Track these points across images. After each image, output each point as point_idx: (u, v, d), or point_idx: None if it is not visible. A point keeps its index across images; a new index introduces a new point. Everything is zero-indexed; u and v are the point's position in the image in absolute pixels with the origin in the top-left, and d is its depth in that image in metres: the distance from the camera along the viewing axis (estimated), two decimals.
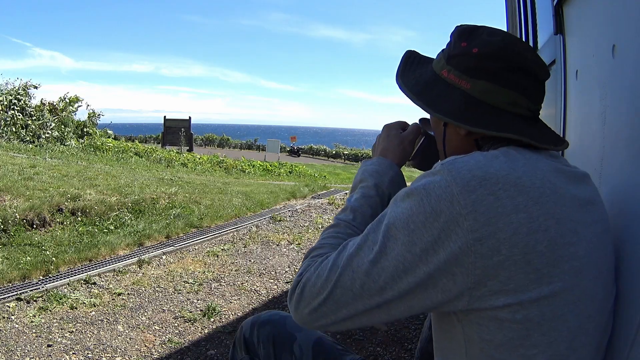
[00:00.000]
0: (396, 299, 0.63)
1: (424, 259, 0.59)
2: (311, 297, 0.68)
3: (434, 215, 0.59)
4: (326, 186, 7.62)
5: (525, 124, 0.69)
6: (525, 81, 0.69)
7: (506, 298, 0.58)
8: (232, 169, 10.85)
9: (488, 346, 0.61)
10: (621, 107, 0.87)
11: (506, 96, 0.69)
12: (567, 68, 1.55)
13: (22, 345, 2.03)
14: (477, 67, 0.69)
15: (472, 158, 0.62)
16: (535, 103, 0.71)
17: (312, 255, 0.76)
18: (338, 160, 27.07)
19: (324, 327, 0.70)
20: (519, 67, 0.69)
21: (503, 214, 0.57)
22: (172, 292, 2.77)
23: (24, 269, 2.75)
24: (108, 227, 3.70)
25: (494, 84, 0.69)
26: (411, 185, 0.64)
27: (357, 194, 0.85)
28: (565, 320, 0.60)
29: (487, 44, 0.69)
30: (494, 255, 0.57)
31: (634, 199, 0.74)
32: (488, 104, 0.69)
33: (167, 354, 2.07)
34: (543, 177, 0.61)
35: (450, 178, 0.60)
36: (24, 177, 4.33)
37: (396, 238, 0.62)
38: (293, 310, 0.71)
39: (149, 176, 6.11)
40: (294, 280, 0.73)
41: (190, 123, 17.06)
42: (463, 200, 0.58)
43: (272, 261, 3.47)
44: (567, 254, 0.59)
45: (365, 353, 2.12)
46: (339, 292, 0.65)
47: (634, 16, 0.82)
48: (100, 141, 9.54)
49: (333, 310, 0.67)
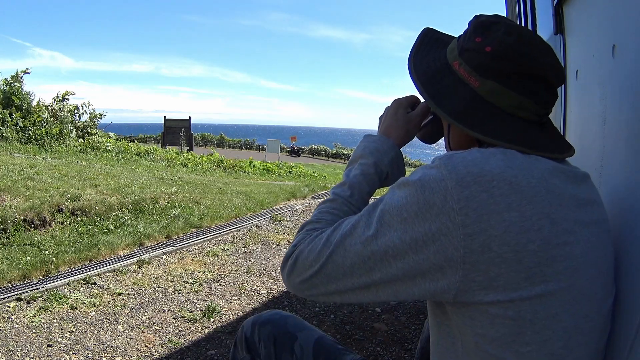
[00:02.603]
0: (384, 282, 0.65)
1: (414, 248, 0.61)
2: (303, 268, 0.71)
3: (427, 207, 0.60)
4: (326, 186, 7.63)
5: (527, 129, 0.68)
6: (535, 86, 0.68)
7: (495, 294, 0.58)
8: (232, 169, 10.85)
9: (482, 341, 0.61)
10: (621, 107, 0.87)
11: (513, 99, 0.68)
12: (567, 68, 1.55)
13: (22, 345, 2.03)
14: (489, 67, 0.68)
15: (470, 154, 0.62)
16: (544, 108, 0.70)
17: (307, 229, 0.78)
18: (338, 160, 27.07)
19: (313, 297, 0.73)
20: (531, 72, 0.67)
21: (495, 212, 0.58)
22: (172, 292, 2.77)
23: (24, 269, 2.75)
24: (108, 227, 3.70)
25: (503, 86, 0.67)
26: (409, 175, 0.66)
27: (356, 170, 0.85)
28: (560, 320, 0.60)
29: (501, 44, 0.67)
30: (484, 251, 0.58)
31: (634, 199, 0.74)
32: (494, 105, 0.68)
33: (167, 354, 2.07)
34: (540, 176, 0.61)
35: (445, 172, 0.61)
36: (24, 177, 4.33)
37: (389, 224, 0.63)
38: (285, 278, 0.75)
39: (149, 176, 6.11)
40: (287, 250, 0.76)
41: (190, 123, 17.05)
42: (456, 195, 0.59)
43: (272, 261, 3.47)
44: (562, 254, 0.59)
45: (365, 353, 2.12)
46: (330, 267, 0.68)
47: (634, 16, 0.82)
48: (100, 141, 9.53)
49: (323, 282, 0.70)
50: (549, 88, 0.69)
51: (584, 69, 1.29)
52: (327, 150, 29.87)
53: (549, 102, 0.70)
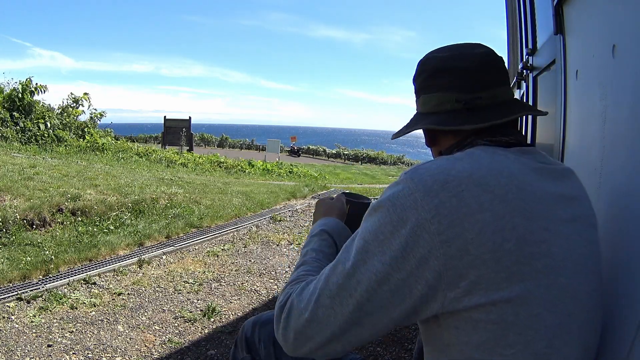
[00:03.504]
0: (376, 312, 0.63)
1: (395, 267, 0.61)
2: (296, 320, 0.68)
3: (401, 223, 0.61)
4: (326, 186, 7.63)
5: (453, 117, 0.74)
6: (446, 79, 0.75)
7: (479, 297, 0.58)
8: (232, 169, 10.85)
9: (467, 348, 0.61)
10: (621, 107, 0.87)
11: (433, 99, 0.77)
12: (567, 68, 1.55)
13: (22, 345, 2.04)
14: (417, 89, 0.82)
15: (434, 163, 0.64)
16: (467, 92, 0.74)
17: (292, 284, 0.77)
18: (338, 160, 27.09)
19: (313, 352, 0.69)
20: (436, 70, 0.77)
21: (468, 214, 0.58)
22: (172, 292, 2.77)
23: (24, 269, 2.75)
24: (108, 227, 3.70)
25: (425, 95, 0.79)
26: (380, 197, 0.66)
27: (313, 243, 0.90)
28: (543, 319, 0.59)
29: (417, 67, 0.82)
30: (463, 255, 0.58)
31: (634, 199, 0.74)
32: (424, 113, 0.79)
33: (167, 354, 2.07)
34: (510, 174, 0.62)
35: (412, 185, 0.62)
36: (24, 177, 4.33)
37: (367, 251, 0.63)
38: (281, 338, 0.71)
39: (149, 176, 6.11)
40: (276, 309, 0.73)
41: (190, 123, 17.04)
42: (427, 205, 0.59)
43: (272, 261, 3.47)
44: (539, 252, 0.59)
45: (365, 353, 2.12)
46: (320, 312, 0.66)
47: (634, 16, 0.82)
48: (100, 141, 9.54)
49: (317, 332, 0.66)
50: (464, 73, 0.74)
51: (584, 69, 1.29)
52: (327, 150, 29.87)
53: (468, 85, 0.74)
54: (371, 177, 14.20)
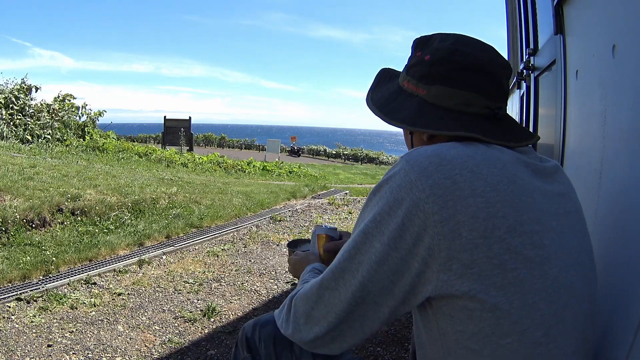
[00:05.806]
0: (379, 291, 0.64)
1: (393, 246, 0.62)
2: (304, 304, 0.72)
3: (397, 203, 0.62)
4: (326, 186, 7.63)
5: (481, 122, 0.71)
6: (479, 80, 0.71)
7: (471, 283, 0.59)
8: (232, 169, 10.85)
9: (462, 337, 0.62)
10: (621, 107, 0.87)
11: (459, 97, 0.71)
12: (567, 68, 1.55)
13: (22, 345, 2.04)
14: (430, 73, 0.73)
15: (430, 147, 0.65)
16: (495, 101, 0.72)
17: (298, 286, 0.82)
18: (338, 160, 27.08)
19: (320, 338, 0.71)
20: (470, 67, 0.71)
21: (461, 197, 0.59)
22: (172, 292, 2.77)
23: (24, 269, 2.75)
24: (108, 227, 3.70)
25: (447, 87, 0.71)
26: (380, 181, 0.68)
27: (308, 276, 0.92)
28: (538, 309, 0.60)
29: (437, 50, 0.73)
30: (455, 237, 0.59)
31: (634, 199, 0.74)
32: (442, 107, 0.72)
33: (167, 354, 2.07)
34: (502, 166, 0.63)
35: (408, 167, 0.63)
36: (24, 177, 4.33)
37: (366, 233, 0.65)
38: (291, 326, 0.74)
39: (149, 176, 6.11)
40: (286, 300, 0.77)
41: (190, 123, 17.03)
42: (421, 185, 0.61)
43: (272, 261, 3.47)
44: (530, 242, 0.60)
45: (365, 353, 2.12)
46: (327, 294, 0.69)
47: (634, 16, 0.82)
48: (100, 141, 9.53)
49: (324, 315, 0.69)
50: (495, 81, 0.71)
51: (584, 69, 1.29)
52: (327, 150, 29.86)
53: (497, 94, 0.72)
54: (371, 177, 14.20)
